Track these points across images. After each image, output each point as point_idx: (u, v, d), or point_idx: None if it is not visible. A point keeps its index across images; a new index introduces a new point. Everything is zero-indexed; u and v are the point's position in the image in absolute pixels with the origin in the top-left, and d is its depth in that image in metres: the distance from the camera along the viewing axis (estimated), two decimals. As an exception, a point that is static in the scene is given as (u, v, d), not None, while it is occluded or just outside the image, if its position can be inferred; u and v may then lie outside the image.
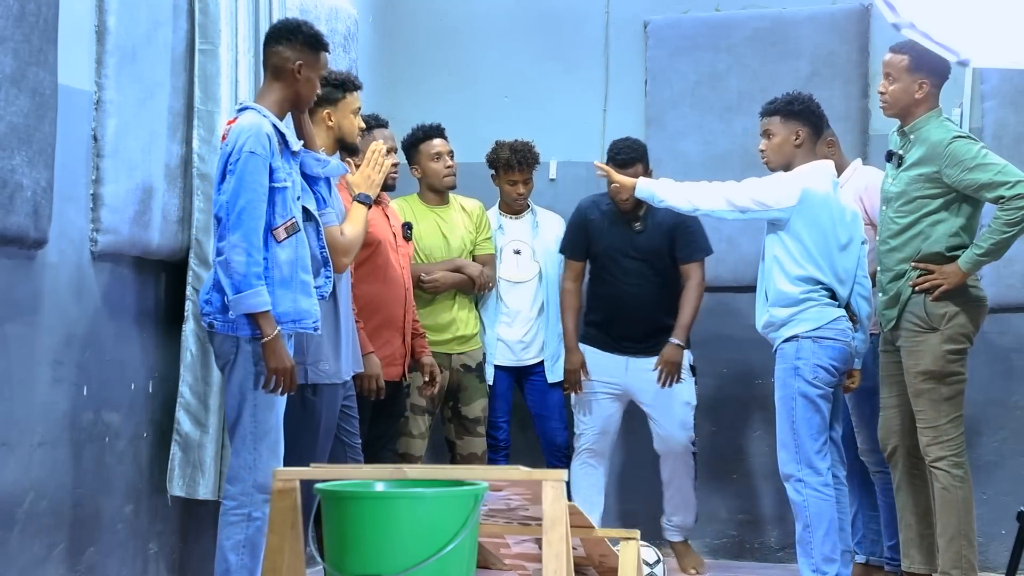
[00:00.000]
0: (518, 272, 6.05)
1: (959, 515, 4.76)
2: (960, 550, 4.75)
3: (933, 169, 4.77)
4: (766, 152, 5.07)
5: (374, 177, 4.66)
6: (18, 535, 3.96)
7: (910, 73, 4.84)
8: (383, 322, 5.00)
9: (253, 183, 3.97)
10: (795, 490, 4.92)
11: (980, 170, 4.70)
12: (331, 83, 4.57)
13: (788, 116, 5.00)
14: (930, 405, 4.79)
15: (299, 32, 4.21)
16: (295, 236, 4.10)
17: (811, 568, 4.91)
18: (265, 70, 4.26)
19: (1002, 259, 5.80)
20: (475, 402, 5.71)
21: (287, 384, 4.04)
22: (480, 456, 5.70)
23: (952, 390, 4.80)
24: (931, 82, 4.84)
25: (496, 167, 6.01)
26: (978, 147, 4.75)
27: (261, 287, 3.95)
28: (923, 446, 4.82)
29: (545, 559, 3.48)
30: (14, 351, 3.96)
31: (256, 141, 4.00)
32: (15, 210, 3.83)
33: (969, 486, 4.80)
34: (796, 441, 4.89)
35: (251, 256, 3.94)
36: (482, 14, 6.67)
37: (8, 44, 3.77)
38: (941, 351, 4.77)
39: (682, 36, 6.38)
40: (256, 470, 4.04)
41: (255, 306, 3.95)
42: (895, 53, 4.90)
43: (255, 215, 3.96)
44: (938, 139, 4.77)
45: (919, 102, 4.85)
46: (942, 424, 4.78)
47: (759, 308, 5.07)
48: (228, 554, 4.04)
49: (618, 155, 5.68)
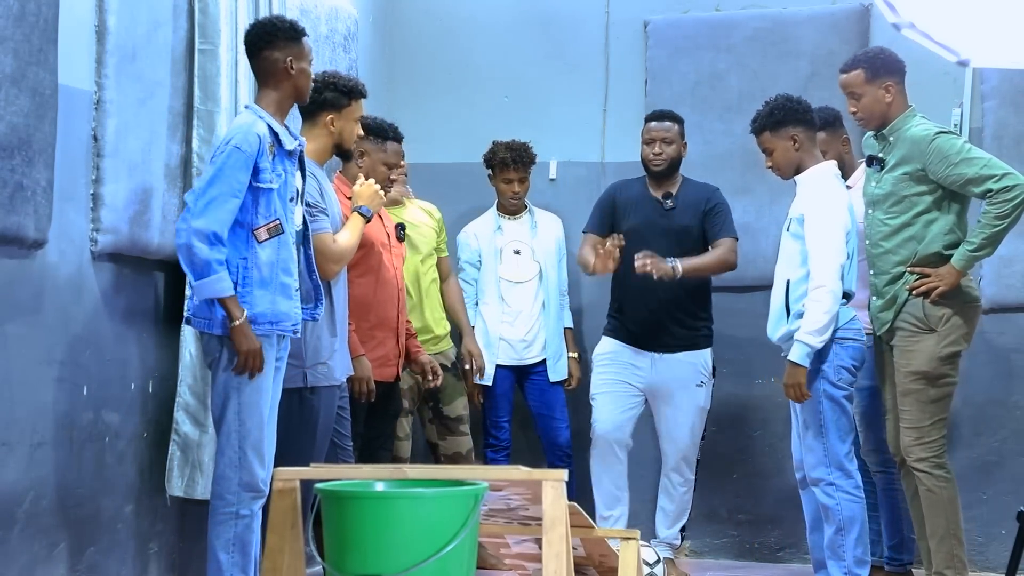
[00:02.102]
0: (519, 272, 6.05)
1: (947, 515, 4.76)
2: (951, 549, 4.75)
3: (918, 167, 4.75)
4: (773, 168, 5.05)
5: (380, 192, 4.73)
6: (18, 535, 3.96)
7: (871, 83, 4.85)
8: (377, 323, 5.01)
9: (230, 177, 3.99)
10: (826, 494, 4.85)
11: (965, 164, 4.69)
12: (339, 89, 4.59)
13: (776, 127, 4.98)
14: (917, 406, 4.78)
15: (277, 30, 4.23)
16: (278, 238, 4.10)
17: (843, 571, 4.85)
18: (257, 76, 4.28)
19: (1002, 259, 5.83)
20: (455, 401, 5.68)
21: (257, 366, 4.05)
22: (465, 455, 5.66)
23: (941, 392, 4.79)
24: (894, 81, 4.85)
25: (492, 166, 6.01)
26: (961, 142, 4.76)
27: (223, 272, 3.97)
28: (904, 445, 4.80)
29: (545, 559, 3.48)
30: (14, 351, 3.96)
31: (243, 138, 4.03)
32: (15, 210, 3.83)
33: (953, 485, 4.79)
34: (825, 444, 4.84)
35: (213, 245, 3.95)
36: (482, 14, 6.67)
37: (8, 44, 3.77)
38: (936, 353, 4.76)
39: (682, 36, 6.38)
40: (242, 468, 4.06)
41: (219, 291, 3.97)
42: (848, 72, 4.90)
43: (225, 207, 3.97)
44: (920, 136, 4.75)
45: (891, 105, 4.85)
46: (926, 426, 4.77)
47: (775, 321, 4.99)
48: (219, 553, 4.06)
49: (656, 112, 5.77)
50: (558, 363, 6.03)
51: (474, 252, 6.08)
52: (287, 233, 4.14)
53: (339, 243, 4.52)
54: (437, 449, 5.70)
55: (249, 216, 4.05)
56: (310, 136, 4.57)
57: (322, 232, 4.46)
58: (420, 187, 5.96)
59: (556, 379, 6.03)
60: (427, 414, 5.68)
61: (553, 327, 6.05)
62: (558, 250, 6.17)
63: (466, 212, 6.28)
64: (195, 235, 3.93)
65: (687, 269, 5.50)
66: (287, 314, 4.15)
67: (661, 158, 5.65)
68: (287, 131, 4.21)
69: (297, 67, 4.21)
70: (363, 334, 4.90)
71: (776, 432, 5.98)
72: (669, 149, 5.66)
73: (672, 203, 5.70)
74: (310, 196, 4.44)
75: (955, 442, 5.94)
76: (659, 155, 5.65)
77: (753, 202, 6.20)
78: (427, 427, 5.71)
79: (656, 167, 5.68)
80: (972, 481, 5.90)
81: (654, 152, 5.65)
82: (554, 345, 6.03)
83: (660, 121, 5.69)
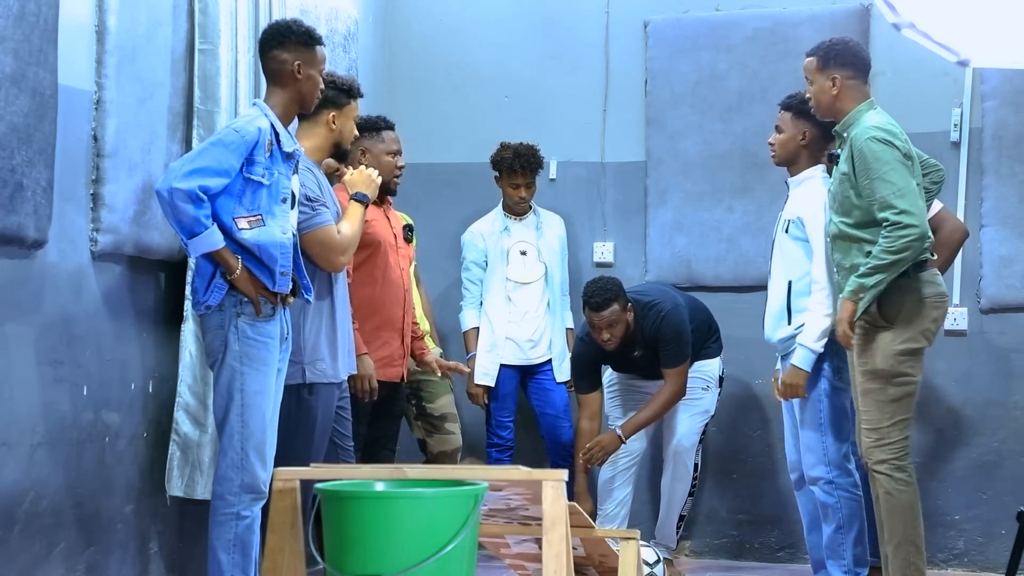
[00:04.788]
0: (525, 273, 6.06)
1: (905, 520, 4.55)
2: (908, 557, 4.53)
3: (850, 167, 4.59)
4: (774, 146, 5.04)
5: (374, 177, 4.69)
6: (18, 535, 3.96)
7: (820, 72, 4.71)
8: (382, 323, 5.01)
9: (219, 155, 3.99)
10: (826, 492, 4.84)
11: (880, 183, 4.47)
12: (339, 87, 4.61)
13: (799, 114, 4.96)
14: (876, 406, 4.57)
15: (291, 33, 4.24)
16: (259, 229, 4.07)
17: (842, 570, 4.84)
18: (266, 77, 4.29)
19: (1002, 259, 5.83)
20: (439, 399, 5.68)
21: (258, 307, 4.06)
22: (450, 454, 5.66)
23: (900, 392, 4.57)
24: (844, 75, 4.68)
25: (499, 169, 6.01)
26: (890, 155, 4.50)
27: (213, 227, 3.97)
28: (864, 447, 4.61)
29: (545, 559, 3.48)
30: (14, 351, 3.96)
31: (243, 125, 4.06)
32: (15, 210, 3.83)
33: (914, 490, 4.58)
34: (824, 443, 4.83)
35: (196, 204, 3.93)
36: (482, 15, 6.67)
37: (8, 44, 3.77)
38: (892, 350, 4.55)
39: (682, 36, 6.38)
40: (243, 470, 4.06)
41: (213, 244, 3.97)
42: (808, 56, 4.77)
43: (208, 179, 3.95)
44: (857, 133, 4.58)
45: (838, 98, 4.69)
46: (885, 427, 4.56)
47: (774, 322, 4.99)
48: (219, 554, 4.07)
49: (592, 298, 5.53)
50: (563, 363, 6.03)
51: (480, 253, 6.08)
52: (269, 226, 4.10)
53: (343, 233, 4.51)
54: (426, 446, 5.72)
55: (233, 204, 4.04)
56: (310, 134, 4.58)
57: (326, 224, 4.45)
58: (420, 187, 5.96)
59: (562, 379, 6.04)
60: (411, 412, 5.68)
61: (558, 327, 6.07)
62: (561, 250, 6.18)
63: (466, 212, 6.28)
64: (176, 194, 3.91)
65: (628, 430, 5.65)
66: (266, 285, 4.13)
67: (611, 343, 5.56)
68: (288, 134, 4.22)
69: (305, 72, 4.21)
70: (367, 334, 4.90)
71: (776, 432, 5.97)
72: (616, 330, 5.53)
73: (639, 351, 5.67)
74: (310, 190, 4.43)
75: (955, 442, 5.95)
76: (607, 341, 5.55)
77: (753, 202, 6.20)
78: (414, 424, 5.72)
79: (610, 348, 5.61)
80: (972, 481, 5.91)
81: (603, 339, 5.54)
82: (560, 345, 6.03)
83: (599, 312, 5.49)
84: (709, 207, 6.28)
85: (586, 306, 5.56)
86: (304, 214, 4.38)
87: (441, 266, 6.44)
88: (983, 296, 5.92)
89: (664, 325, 5.60)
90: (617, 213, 6.43)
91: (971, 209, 5.91)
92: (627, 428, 5.65)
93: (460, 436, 5.75)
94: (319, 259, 4.47)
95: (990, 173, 5.89)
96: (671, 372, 5.62)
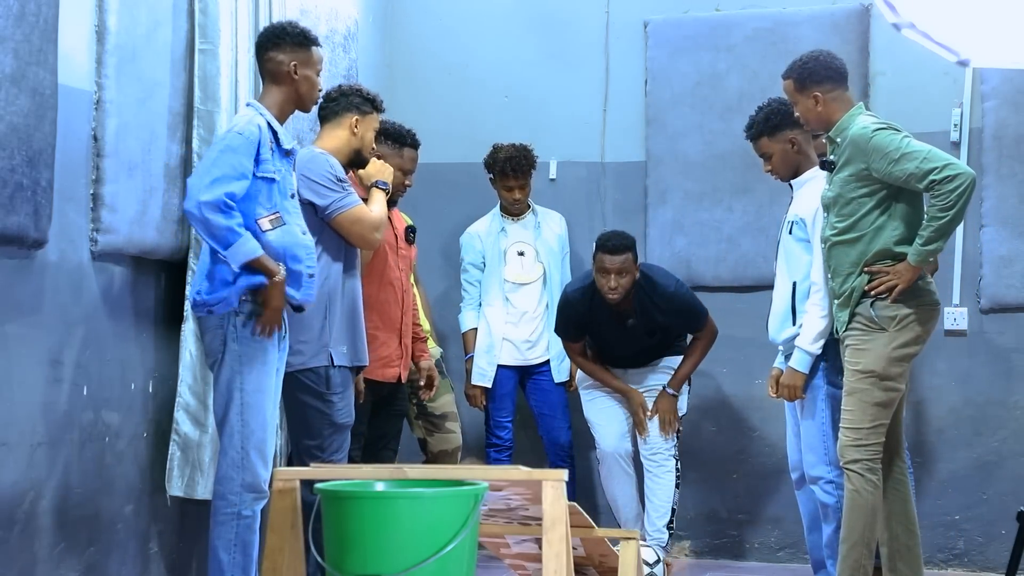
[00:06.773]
0: (523, 273, 6.05)
1: (865, 522, 4.56)
2: (860, 558, 4.55)
3: (862, 167, 4.61)
4: (772, 172, 5.06)
5: (390, 168, 4.86)
6: (18, 535, 3.96)
7: (800, 93, 4.72)
8: (380, 323, 5.01)
9: (232, 159, 4.00)
10: (826, 492, 4.82)
11: (906, 160, 4.54)
12: (364, 96, 4.71)
13: (773, 131, 4.98)
14: (860, 406, 4.57)
15: (286, 34, 4.28)
16: (281, 228, 4.11)
17: None
18: (263, 78, 4.32)
19: (1002, 259, 5.83)
20: (441, 398, 5.68)
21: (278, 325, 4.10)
22: (451, 453, 5.67)
23: (885, 396, 4.57)
24: (823, 90, 4.69)
25: (492, 171, 6.01)
26: (900, 136, 4.59)
27: (247, 234, 3.98)
28: (840, 446, 4.61)
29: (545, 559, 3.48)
30: (14, 351, 3.96)
31: (244, 126, 4.08)
32: (15, 210, 3.83)
33: (880, 495, 4.58)
34: (825, 443, 4.83)
35: (226, 212, 3.95)
36: (482, 14, 6.67)
37: (8, 44, 3.77)
38: (887, 353, 4.57)
39: (682, 36, 6.38)
40: (244, 469, 4.06)
41: (251, 252, 3.98)
42: (784, 79, 4.78)
43: (230, 185, 3.96)
44: (859, 134, 4.61)
45: (825, 112, 4.71)
46: (865, 428, 4.55)
47: (779, 323, 4.98)
48: (220, 553, 4.07)
49: (608, 241, 5.53)
50: (562, 363, 6.03)
51: (478, 254, 6.08)
52: (289, 224, 4.15)
53: (375, 212, 4.64)
54: (426, 445, 5.72)
55: (253, 207, 4.06)
56: (332, 135, 4.67)
57: (357, 204, 4.56)
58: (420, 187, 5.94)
59: (560, 380, 6.04)
60: (412, 411, 5.69)
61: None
62: (561, 248, 6.17)
63: (466, 212, 6.28)
64: (205, 208, 3.93)
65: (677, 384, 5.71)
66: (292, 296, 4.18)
67: (617, 292, 5.52)
68: (286, 132, 4.23)
69: (301, 73, 4.25)
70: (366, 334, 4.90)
71: (776, 432, 5.97)
72: (624, 280, 5.52)
73: (634, 320, 5.65)
74: (338, 172, 4.53)
75: (955, 442, 5.95)
76: (614, 289, 5.51)
77: (753, 202, 6.20)
78: (414, 424, 5.72)
79: (612, 299, 5.56)
80: (972, 481, 5.91)
81: (609, 286, 5.51)
82: (558, 346, 6.03)
83: (613, 255, 5.49)
84: (709, 207, 6.28)
85: (600, 249, 5.53)
86: (336, 194, 4.49)
87: (440, 266, 6.44)
88: (983, 296, 5.92)
89: (681, 288, 5.65)
90: (617, 213, 6.42)
91: (971, 209, 5.88)
92: (675, 383, 5.69)
93: (460, 435, 5.75)
94: (354, 238, 4.59)
95: (990, 173, 5.89)
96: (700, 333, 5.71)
